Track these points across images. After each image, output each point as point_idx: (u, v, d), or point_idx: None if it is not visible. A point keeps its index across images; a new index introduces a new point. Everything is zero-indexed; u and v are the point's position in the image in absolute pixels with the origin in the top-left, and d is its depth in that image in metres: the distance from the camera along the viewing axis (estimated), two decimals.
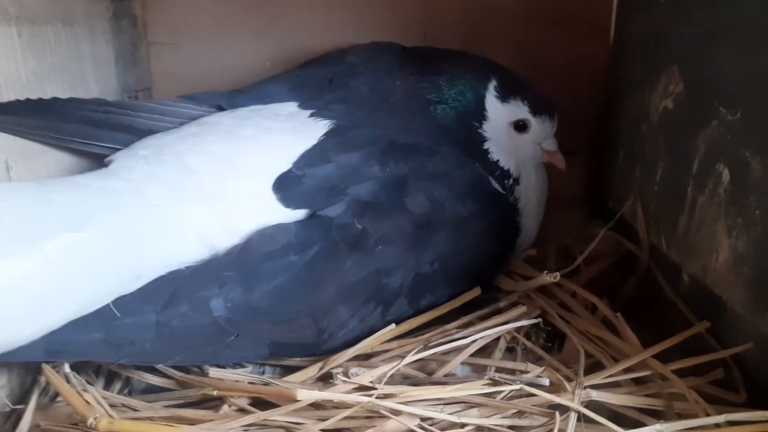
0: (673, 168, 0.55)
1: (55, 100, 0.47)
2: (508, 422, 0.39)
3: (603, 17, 0.71)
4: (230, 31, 0.72)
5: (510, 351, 0.50)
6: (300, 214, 0.48)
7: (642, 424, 0.38)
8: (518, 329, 0.50)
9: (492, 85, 0.59)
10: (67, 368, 0.41)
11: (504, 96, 0.59)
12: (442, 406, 0.40)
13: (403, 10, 0.72)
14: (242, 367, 0.49)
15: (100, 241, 0.39)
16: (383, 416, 0.38)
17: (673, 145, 0.55)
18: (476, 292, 0.55)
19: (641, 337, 0.48)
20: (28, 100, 0.44)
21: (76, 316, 0.38)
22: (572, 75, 0.71)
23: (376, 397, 0.37)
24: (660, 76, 0.57)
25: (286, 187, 0.48)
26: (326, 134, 0.52)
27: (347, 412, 0.38)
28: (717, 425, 0.37)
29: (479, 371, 0.46)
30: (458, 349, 0.48)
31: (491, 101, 0.59)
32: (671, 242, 0.55)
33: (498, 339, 0.50)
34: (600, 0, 0.71)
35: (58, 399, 0.44)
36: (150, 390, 0.47)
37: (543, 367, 0.42)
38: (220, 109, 0.56)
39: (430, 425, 0.38)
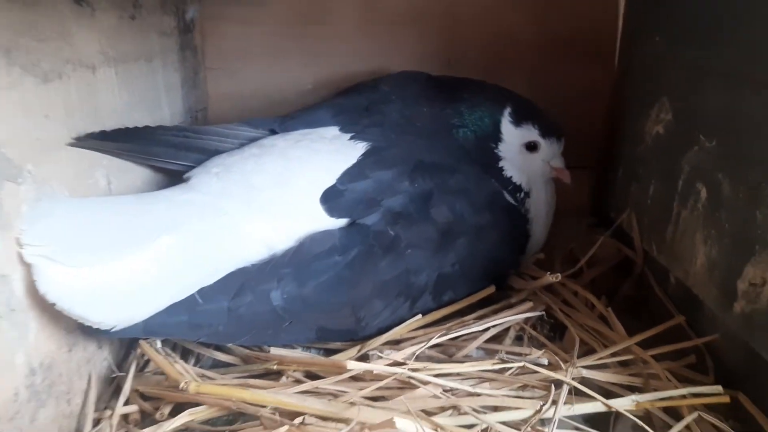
0: (662, 185, 0.63)
1: (146, 127, 0.57)
2: (513, 393, 0.48)
3: (608, 48, 0.79)
4: (277, 58, 0.82)
5: (518, 339, 0.58)
6: (342, 222, 0.56)
7: None
8: (526, 321, 0.59)
9: (507, 112, 0.67)
10: (158, 344, 0.51)
11: (517, 121, 0.67)
12: (460, 379, 0.49)
13: (428, 41, 0.81)
14: (293, 348, 0.58)
15: (189, 243, 0.49)
16: (412, 386, 0.48)
17: (663, 166, 0.63)
18: (491, 289, 0.64)
19: (634, 330, 0.56)
20: (126, 128, 0.54)
21: (170, 303, 0.48)
22: (580, 99, 0.79)
23: (408, 370, 0.47)
24: (654, 105, 0.65)
25: (331, 199, 0.57)
26: (364, 155, 0.61)
27: (383, 383, 0.48)
28: (683, 396, 0.46)
29: (491, 355, 0.55)
30: (474, 337, 0.57)
31: (506, 126, 0.68)
32: (661, 249, 0.63)
33: (508, 329, 0.58)
34: (605, 32, 0.79)
35: (147, 369, 0.54)
36: (216, 366, 0.56)
37: (543, 350, 0.51)
38: (273, 132, 0.65)
39: (451, 395, 0.47)
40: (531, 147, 0.69)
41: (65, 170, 0.46)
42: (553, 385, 0.47)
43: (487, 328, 0.57)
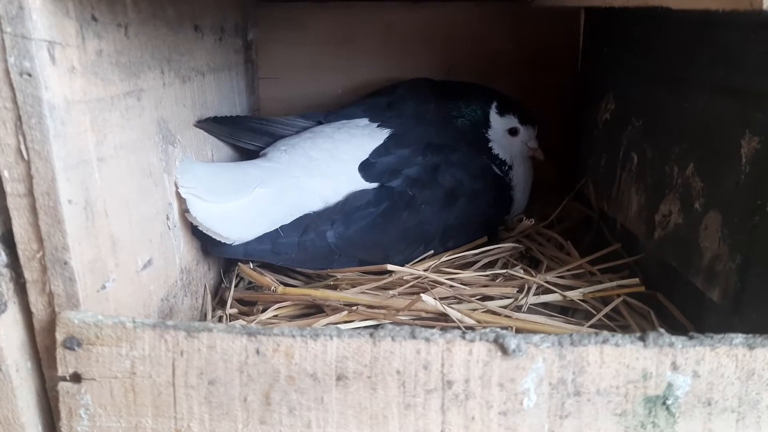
0: (609, 157, 0.86)
1: (237, 116, 0.80)
2: (500, 290, 0.69)
3: (571, 59, 1.01)
4: (316, 69, 1.04)
5: (503, 267, 0.80)
6: (375, 185, 0.78)
7: None
8: (510, 255, 0.81)
9: (494, 105, 0.90)
10: (251, 264, 0.73)
11: (502, 112, 0.90)
12: (464, 286, 0.71)
13: (433, 54, 1.03)
14: None
15: (273, 194, 0.71)
16: (432, 286, 0.69)
17: (610, 143, 0.86)
18: (484, 239, 0.85)
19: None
20: (226, 116, 0.76)
21: (263, 233, 0.70)
22: (550, 98, 1.01)
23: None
24: (603, 98, 0.88)
25: (365, 168, 0.78)
26: (388, 138, 0.82)
27: (409, 284, 0.69)
28: (614, 288, 0.68)
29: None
30: (472, 263, 0.79)
31: (493, 116, 0.90)
32: (609, 205, 0.85)
33: (497, 261, 0.80)
34: (569, 47, 1.01)
35: (239, 286, 0.76)
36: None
37: (519, 265, 0.73)
38: (319, 123, 0.87)
39: (457, 294, 0.69)
40: (512, 132, 0.91)
41: (193, 143, 0.68)
42: (526, 285, 0.69)
43: (482, 257, 0.78)
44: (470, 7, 1.01)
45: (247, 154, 0.83)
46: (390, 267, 0.70)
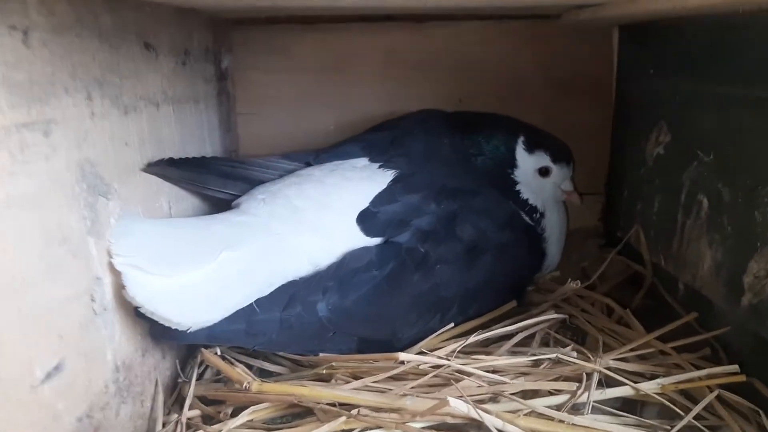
0: (666, 200, 0.70)
1: (203, 157, 0.63)
2: (547, 384, 0.52)
3: (605, 86, 0.86)
4: (303, 102, 0.88)
5: (544, 344, 0.63)
6: (377, 240, 0.61)
7: None
8: (550, 327, 0.64)
9: (521, 140, 0.74)
10: (218, 350, 0.56)
11: (530, 148, 0.74)
12: (499, 374, 0.53)
13: (441, 83, 0.88)
14: None
15: (246, 258, 0.54)
16: (455, 380, 0.52)
17: (665, 183, 0.70)
18: (512, 304, 0.68)
19: (650, 331, 0.61)
20: (187, 157, 0.60)
21: (232, 311, 0.53)
22: (583, 132, 0.84)
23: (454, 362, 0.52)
24: (653, 129, 0.72)
25: (366, 220, 0.62)
26: (392, 181, 0.66)
27: (427, 377, 0.52)
28: (699, 378, 0.51)
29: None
30: (503, 343, 0.62)
31: (520, 153, 0.74)
32: (668, 259, 0.69)
33: (534, 335, 0.63)
34: (602, 71, 0.86)
35: (204, 378, 0.58)
36: (262, 375, 0.60)
37: (571, 345, 0.56)
38: (308, 164, 0.71)
39: (492, 385, 0.51)
40: (544, 172, 0.75)
41: (139, 193, 0.52)
42: (584, 374, 0.51)
43: (516, 333, 0.61)
44: (486, 26, 0.86)
45: (219, 205, 0.66)
46: (402, 356, 0.53)
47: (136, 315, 0.47)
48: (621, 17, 0.73)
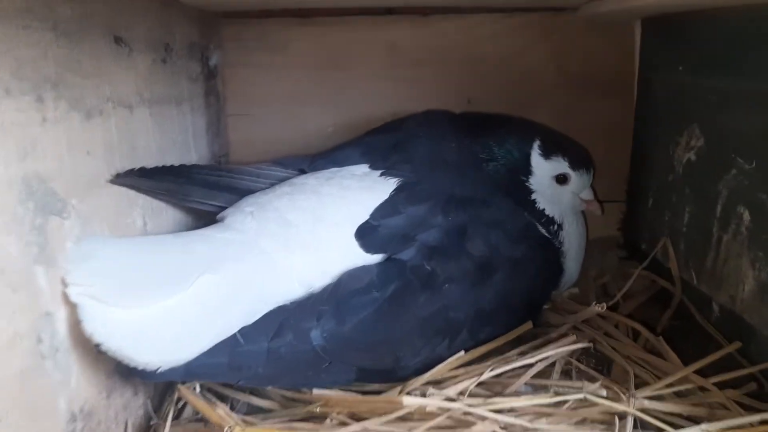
0: (699, 211, 0.63)
1: (182, 165, 0.56)
2: (573, 429, 0.46)
3: (626, 83, 0.80)
4: (298, 102, 0.82)
5: (565, 374, 0.56)
6: (378, 257, 0.55)
7: None
8: (571, 354, 0.57)
9: (536, 144, 0.67)
10: (197, 388, 0.49)
11: (547, 153, 0.67)
12: (516, 415, 0.47)
13: (449, 82, 0.81)
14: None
15: (230, 282, 0.48)
16: (467, 424, 0.45)
17: (698, 192, 0.63)
18: (528, 325, 0.62)
19: (682, 360, 0.54)
20: (164, 166, 0.53)
21: (213, 343, 0.46)
22: (602, 134, 0.78)
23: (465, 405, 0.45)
24: (683, 132, 0.65)
25: (365, 235, 0.56)
26: (395, 190, 0.60)
27: (436, 421, 0.45)
28: (751, 424, 0.44)
29: (540, 391, 0.53)
30: (520, 373, 0.55)
31: (536, 158, 0.67)
32: (701, 277, 0.62)
33: (554, 364, 0.56)
34: (622, 68, 0.79)
35: (183, 416, 0.52)
36: (252, 411, 0.53)
37: (599, 381, 0.49)
38: (303, 171, 0.65)
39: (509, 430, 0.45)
40: (561, 179, 0.68)
41: (106, 208, 0.45)
42: (616, 417, 0.45)
43: (534, 363, 0.54)
44: (496, 20, 0.80)
45: (205, 217, 0.59)
46: (407, 401, 0.46)
47: (97, 351, 0.41)
48: (647, 7, 0.66)
